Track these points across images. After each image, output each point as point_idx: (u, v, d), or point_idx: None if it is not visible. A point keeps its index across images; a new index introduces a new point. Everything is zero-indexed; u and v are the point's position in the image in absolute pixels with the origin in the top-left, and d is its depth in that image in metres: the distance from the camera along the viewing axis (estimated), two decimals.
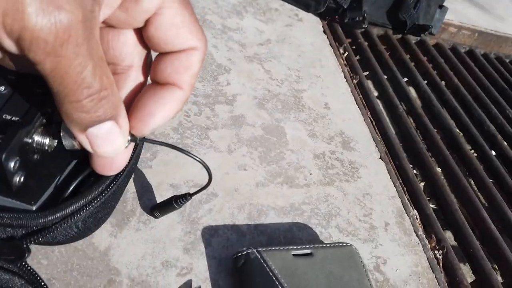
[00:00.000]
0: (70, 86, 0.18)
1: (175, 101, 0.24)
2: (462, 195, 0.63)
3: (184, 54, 0.23)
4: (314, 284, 0.39)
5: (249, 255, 0.39)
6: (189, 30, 0.22)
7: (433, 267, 0.49)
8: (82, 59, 0.17)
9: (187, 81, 0.24)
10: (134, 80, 0.25)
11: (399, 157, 0.63)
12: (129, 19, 0.21)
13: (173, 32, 0.22)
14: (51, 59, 0.16)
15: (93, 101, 0.19)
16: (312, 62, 0.75)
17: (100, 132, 0.21)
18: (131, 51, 0.24)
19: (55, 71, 0.17)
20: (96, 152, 0.22)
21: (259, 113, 0.60)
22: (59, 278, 0.36)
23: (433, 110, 0.78)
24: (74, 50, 0.17)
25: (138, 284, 0.38)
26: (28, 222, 0.27)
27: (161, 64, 0.23)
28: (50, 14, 0.15)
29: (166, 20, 0.21)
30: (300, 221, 0.48)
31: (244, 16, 0.78)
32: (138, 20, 0.21)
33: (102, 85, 0.19)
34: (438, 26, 0.94)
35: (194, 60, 0.23)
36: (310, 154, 0.57)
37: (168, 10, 0.21)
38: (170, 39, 0.22)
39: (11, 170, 0.26)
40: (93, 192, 0.30)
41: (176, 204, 0.40)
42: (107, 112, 0.20)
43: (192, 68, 0.23)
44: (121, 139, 0.22)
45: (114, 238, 0.40)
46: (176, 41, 0.22)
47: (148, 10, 0.21)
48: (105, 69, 0.19)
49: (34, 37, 0.16)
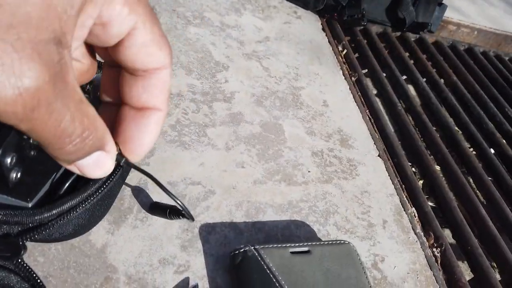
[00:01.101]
0: (51, 139, 0.17)
1: (157, 124, 0.24)
2: (461, 193, 0.63)
3: (155, 76, 0.23)
4: (311, 281, 0.39)
5: (246, 252, 0.39)
6: (159, 47, 0.22)
7: (431, 264, 0.49)
8: (57, 114, 0.17)
9: (164, 101, 0.24)
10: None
11: (398, 154, 0.63)
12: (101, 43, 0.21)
13: (144, 51, 0.21)
14: (24, 124, 0.16)
15: (77, 145, 0.19)
16: (311, 59, 0.74)
17: (88, 162, 0.21)
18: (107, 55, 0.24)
19: (32, 131, 0.17)
20: (86, 176, 0.22)
21: (257, 110, 0.60)
22: (55, 276, 0.36)
23: (432, 107, 0.78)
24: (47, 110, 0.16)
25: (135, 281, 0.38)
26: (24, 219, 0.27)
27: (133, 89, 0.23)
28: (13, 86, 0.15)
29: (137, 40, 0.21)
30: (298, 218, 0.48)
31: (242, 13, 0.78)
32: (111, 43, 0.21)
33: (84, 127, 0.19)
34: (437, 24, 0.94)
35: (165, 79, 0.23)
36: (308, 152, 0.57)
37: (139, 31, 0.21)
38: (141, 58, 0.22)
39: (7, 166, 0.26)
40: (90, 189, 0.30)
41: (168, 216, 0.40)
42: (93, 147, 0.20)
43: (165, 87, 0.23)
44: (110, 162, 0.22)
45: (111, 235, 0.40)
46: (146, 59, 0.22)
47: (119, 34, 0.20)
48: (84, 109, 0.18)
49: (1, 112, 0.15)
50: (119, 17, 0.20)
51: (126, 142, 0.24)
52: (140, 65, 0.22)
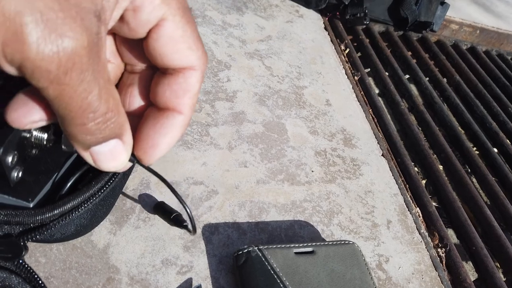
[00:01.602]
0: (75, 111, 0.17)
1: (176, 128, 0.23)
2: (465, 192, 0.62)
3: (182, 76, 0.22)
4: (316, 282, 0.38)
5: (250, 253, 0.39)
6: (188, 46, 0.22)
7: (436, 265, 0.49)
8: (87, 85, 0.17)
9: (186, 104, 0.23)
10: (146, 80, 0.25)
11: (401, 154, 0.63)
12: (131, 32, 0.21)
13: (172, 47, 0.21)
14: (54, 87, 0.16)
15: (98, 124, 0.18)
16: (313, 58, 0.74)
17: (104, 150, 0.20)
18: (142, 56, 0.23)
19: (59, 98, 0.16)
20: (99, 167, 0.21)
21: (260, 109, 0.59)
22: (57, 276, 0.35)
23: (435, 107, 0.78)
24: (79, 77, 0.16)
25: (137, 282, 0.37)
26: (25, 219, 0.27)
27: (159, 86, 0.23)
28: (53, 43, 0.15)
29: (165, 32, 0.21)
30: (301, 218, 0.48)
31: (244, 12, 0.78)
32: (140, 32, 0.21)
33: (108, 107, 0.18)
34: (439, 23, 0.94)
35: (192, 82, 0.22)
36: (312, 151, 0.56)
37: (169, 23, 0.20)
38: (168, 53, 0.21)
39: (8, 165, 0.26)
40: (92, 189, 0.30)
41: (171, 221, 0.40)
42: (112, 132, 0.20)
43: (191, 90, 0.23)
44: (125, 155, 0.22)
45: (113, 235, 0.40)
46: (174, 56, 0.22)
47: (148, 22, 0.20)
48: (111, 91, 0.18)
49: (36, 67, 0.15)
50: (150, 4, 0.19)
51: (140, 141, 0.23)
52: (168, 61, 0.21)
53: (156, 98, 0.23)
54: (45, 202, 0.29)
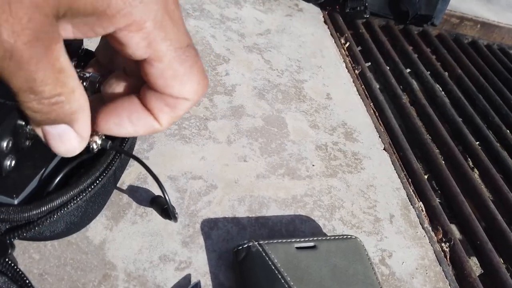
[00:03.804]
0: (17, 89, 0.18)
1: (147, 128, 0.23)
2: (468, 187, 0.61)
3: (172, 99, 0.22)
4: (318, 277, 0.37)
5: (250, 248, 0.38)
6: (181, 83, 0.21)
7: (440, 260, 0.48)
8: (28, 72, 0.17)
9: (166, 120, 0.23)
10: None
11: (403, 148, 0.62)
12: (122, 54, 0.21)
13: (163, 82, 0.21)
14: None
15: (42, 105, 0.19)
16: (313, 52, 0.73)
17: (53, 131, 0.21)
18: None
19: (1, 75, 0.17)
20: (50, 147, 0.22)
21: (259, 103, 0.58)
22: (51, 273, 0.34)
23: (436, 100, 0.77)
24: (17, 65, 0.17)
25: (134, 279, 0.36)
26: (10, 216, 0.25)
27: (149, 93, 0.23)
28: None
29: (155, 71, 0.21)
30: (302, 213, 0.46)
31: (242, 5, 0.76)
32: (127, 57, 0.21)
33: (54, 94, 0.19)
34: (440, 17, 0.93)
35: (181, 107, 0.23)
36: (312, 145, 0.55)
37: (158, 64, 0.21)
38: (160, 86, 0.22)
39: (3, 149, 0.25)
40: (81, 185, 0.29)
41: (164, 213, 0.39)
42: (60, 118, 0.20)
43: (176, 113, 0.23)
44: (76, 143, 0.22)
45: (110, 231, 0.39)
46: (166, 90, 0.22)
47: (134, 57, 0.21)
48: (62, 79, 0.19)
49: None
50: (136, 45, 0.20)
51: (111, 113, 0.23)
52: (160, 90, 0.22)
53: (143, 97, 0.23)
54: (32, 198, 0.28)
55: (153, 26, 0.19)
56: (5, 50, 0.16)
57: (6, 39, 0.16)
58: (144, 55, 0.20)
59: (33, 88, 0.18)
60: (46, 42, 0.17)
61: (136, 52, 0.20)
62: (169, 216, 0.38)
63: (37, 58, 0.17)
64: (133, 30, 0.19)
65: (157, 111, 0.23)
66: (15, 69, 0.17)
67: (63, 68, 0.19)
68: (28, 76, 0.18)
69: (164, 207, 0.38)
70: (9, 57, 0.17)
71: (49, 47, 0.18)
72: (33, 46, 0.17)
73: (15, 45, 0.16)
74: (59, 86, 0.19)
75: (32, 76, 0.18)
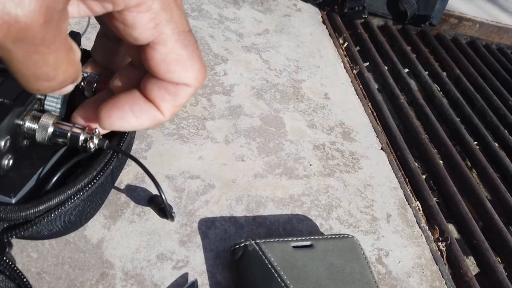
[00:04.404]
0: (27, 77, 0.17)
1: (150, 119, 0.23)
2: (465, 186, 0.62)
3: (174, 86, 0.22)
4: (314, 276, 0.38)
5: (247, 247, 0.38)
6: (183, 68, 0.22)
7: (436, 259, 0.48)
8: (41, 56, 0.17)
9: (169, 109, 0.23)
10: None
11: (401, 147, 0.62)
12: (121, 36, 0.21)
13: (166, 67, 0.21)
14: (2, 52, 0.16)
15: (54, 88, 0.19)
16: (311, 52, 0.73)
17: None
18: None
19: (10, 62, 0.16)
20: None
21: (257, 103, 0.59)
22: (49, 272, 0.35)
23: (434, 101, 0.77)
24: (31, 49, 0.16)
25: (132, 277, 0.36)
26: (7, 215, 0.26)
27: (150, 82, 0.22)
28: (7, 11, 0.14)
29: (158, 55, 0.21)
30: (299, 212, 0.47)
31: (241, 5, 0.77)
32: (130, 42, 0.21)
33: (66, 76, 0.18)
34: (438, 17, 0.93)
35: (182, 95, 0.23)
36: (310, 145, 0.55)
37: (162, 47, 0.20)
38: (162, 72, 0.21)
39: (1, 149, 0.25)
40: (79, 184, 0.29)
41: (161, 213, 0.39)
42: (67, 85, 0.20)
43: (178, 100, 0.23)
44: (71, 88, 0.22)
45: (107, 230, 0.39)
46: (168, 75, 0.22)
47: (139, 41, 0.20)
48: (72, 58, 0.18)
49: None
50: (143, 27, 0.19)
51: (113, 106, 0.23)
52: (162, 76, 0.22)
53: (144, 88, 0.23)
54: (30, 197, 0.28)
55: (160, 7, 0.19)
56: (19, 30, 0.15)
57: (23, 19, 0.15)
58: (150, 37, 0.20)
59: (47, 74, 0.17)
60: (58, 22, 0.16)
61: (142, 34, 0.20)
62: (166, 216, 0.38)
63: (50, 40, 0.17)
64: (142, 11, 0.19)
65: (159, 100, 0.23)
66: (27, 52, 0.16)
67: (72, 46, 0.18)
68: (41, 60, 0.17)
69: (161, 206, 0.38)
70: (22, 39, 0.16)
71: (60, 26, 0.17)
72: (48, 25, 0.16)
73: (31, 26, 0.15)
74: (71, 65, 0.18)
75: (45, 59, 0.17)
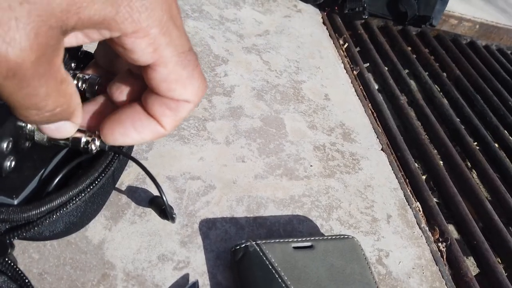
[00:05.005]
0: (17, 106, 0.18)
1: (152, 134, 0.24)
2: (465, 187, 0.62)
3: (174, 102, 0.23)
4: (315, 276, 0.38)
5: (248, 247, 0.38)
6: (183, 86, 0.22)
7: (436, 259, 0.48)
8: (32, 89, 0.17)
9: (170, 124, 0.24)
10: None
11: (401, 148, 0.62)
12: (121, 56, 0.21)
13: (166, 86, 0.22)
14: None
15: (44, 117, 0.19)
16: (312, 53, 0.73)
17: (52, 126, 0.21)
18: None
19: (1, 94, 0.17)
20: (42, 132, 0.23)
21: (258, 104, 0.59)
22: (51, 273, 0.35)
23: (434, 101, 0.77)
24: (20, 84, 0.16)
25: (133, 278, 0.37)
26: (10, 216, 0.26)
27: (151, 98, 0.23)
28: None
29: (158, 76, 0.21)
30: (300, 213, 0.47)
31: (241, 6, 0.77)
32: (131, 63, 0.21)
33: (57, 105, 0.19)
34: (438, 18, 0.93)
35: (182, 110, 0.23)
36: (310, 146, 0.56)
37: (162, 69, 0.21)
38: (163, 90, 0.22)
39: (3, 150, 0.25)
40: (80, 185, 0.29)
41: (162, 214, 0.39)
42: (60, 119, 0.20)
43: (179, 116, 0.23)
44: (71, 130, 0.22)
45: (109, 231, 0.39)
46: (169, 93, 0.22)
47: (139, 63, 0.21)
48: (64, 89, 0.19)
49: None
50: (142, 51, 0.20)
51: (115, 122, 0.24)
52: (163, 94, 0.22)
53: (145, 104, 0.23)
54: (32, 199, 0.28)
55: (159, 32, 0.19)
56: (9, 69, 0.16)
57: (13, 58, 0.15)
58: (149, 60, 0.20)
59: (36, 104, 0.18)
60: (50, 56, 0.17)
61: (141, 58, 0.20)
62: (167, 217, 0.38)
63: (41, 74, 0.17)
64: (140, 37, 0.19)
65: (160, 115, 0.23)
66: (18, 87, 0.16)
67: (64, 79, 0.19)
68: (31, 92, 0.17)
69: (162, 208, 0.39)
70: (12, 76, 0.16)
71: (51, 60, 0.17)
72: (39, 62, 0.16)
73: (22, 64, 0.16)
74: (62, 96, 0.19)
75: (35, 91, 0.17)
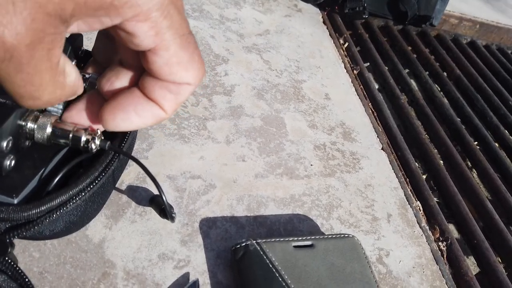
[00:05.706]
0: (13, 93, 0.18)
1: (153, 117, 0.24)
2: (466, 186, 0.62)
3: (175, 85, 0.23)
4: (315, 275, 0.38)
5: (248, 246, 0.38)
6: (184, 68, 0.22)
7: (437, 258, 0.48)
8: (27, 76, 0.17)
9: (171, 107, 0.24)
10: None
11: (401, 148, 0.62)
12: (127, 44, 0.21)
13: (168, 69, 0.22)
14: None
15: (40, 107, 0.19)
16: (312, 52, 0.73)
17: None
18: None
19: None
20: None
21: (258, 103, 0.59)
22: (51, 272, 0.35)
23: (435, 101, 0.77)
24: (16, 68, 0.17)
25: (133, 277, 0.37)
26: (10, 215, 0.26)
27: (151, 82, 0.23)
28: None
29: (160, 59, 0.21)
30: (300, 212, 0.47)
31: (242, 6, 0.77)
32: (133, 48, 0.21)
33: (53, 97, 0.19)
34: (439, 18, 0.93)
35: (183, 93, 0.23)
36: (311, 145, 0.56)
37: (164, 52, 0.21)
38: (164, 73, 0.22)
39: (3, 149, 0.25)
40: (80, 184, 0.29)
41: (162, 213, 0.39)
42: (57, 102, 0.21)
43: (179, 98, 0.23)
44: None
45: (109, 230, 0.39)
46: (170, 76, 0.22)
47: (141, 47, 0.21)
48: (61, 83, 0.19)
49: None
50: (144, 35, 0.20)
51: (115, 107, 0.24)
52: (164, 78, 0.22)
53: (144, 88, 0.23)
54: (32, 198, 0.28)
55: (160, 15, 0.19)
56: (5, 50, 0.16)
57: (9, 40, 0.16)
58: (151, 44, 0.20)
59: (31, 94, 0.18)
60: (48, 45, 0.17)
61: (143, 42, 0.20)
62: (167, 216, 0.38)
63: (37, 61, 0.17)
64: (141, 20, 0.19)
65: (161, 99, 0.23)
66: (13, 71, 0.17)
67: (62, 72, 0.19)
68: (26, 79, 0.17)
69: (162, 207, 0.39)
70: (9, 58, 0.16)
71: (50, 50, 0.17)
72: (35, 48, 0.17)
73: (17, 46, 0.16)
74: (59, 88, 0.19)
75: (30, 79, 0.18)
